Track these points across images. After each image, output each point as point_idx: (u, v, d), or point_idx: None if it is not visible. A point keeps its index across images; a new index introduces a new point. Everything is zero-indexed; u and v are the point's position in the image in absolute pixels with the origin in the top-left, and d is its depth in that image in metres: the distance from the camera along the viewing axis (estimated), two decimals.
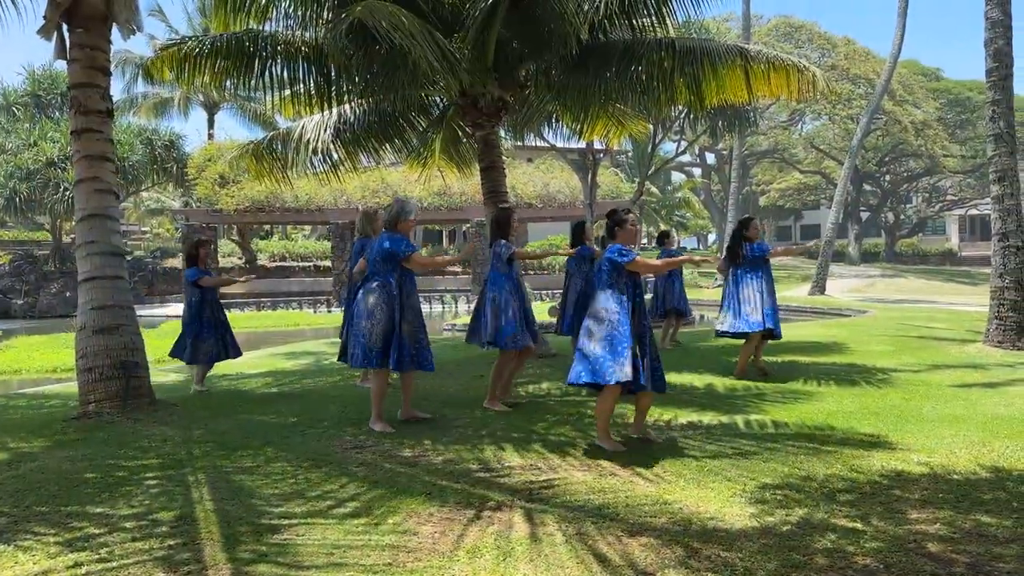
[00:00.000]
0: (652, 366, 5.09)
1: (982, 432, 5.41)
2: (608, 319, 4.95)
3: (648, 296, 7.82)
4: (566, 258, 9.12)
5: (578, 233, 8.99)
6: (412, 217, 5.97)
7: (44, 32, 6.80)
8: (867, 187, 50.53)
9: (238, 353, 8.42)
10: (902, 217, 53.28)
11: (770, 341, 8.25)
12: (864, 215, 50.36)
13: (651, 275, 5.17)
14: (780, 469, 4.57)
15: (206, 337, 7.99)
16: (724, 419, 5.96)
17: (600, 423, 5.18)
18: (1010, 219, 9.99)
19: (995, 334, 9.90)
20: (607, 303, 5.00)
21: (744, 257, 7.88)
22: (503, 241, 6.69)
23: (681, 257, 8.57)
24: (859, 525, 3.65)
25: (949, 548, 3.38)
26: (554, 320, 15.21)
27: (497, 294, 6.59)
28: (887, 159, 47.05)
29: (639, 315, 5.07)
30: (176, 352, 8.11)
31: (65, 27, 6.85)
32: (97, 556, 3.40)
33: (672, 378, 7.39)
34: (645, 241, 44.63)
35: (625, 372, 4.81)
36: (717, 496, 4.09)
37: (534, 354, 7.36)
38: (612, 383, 4.88)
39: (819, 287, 25.11)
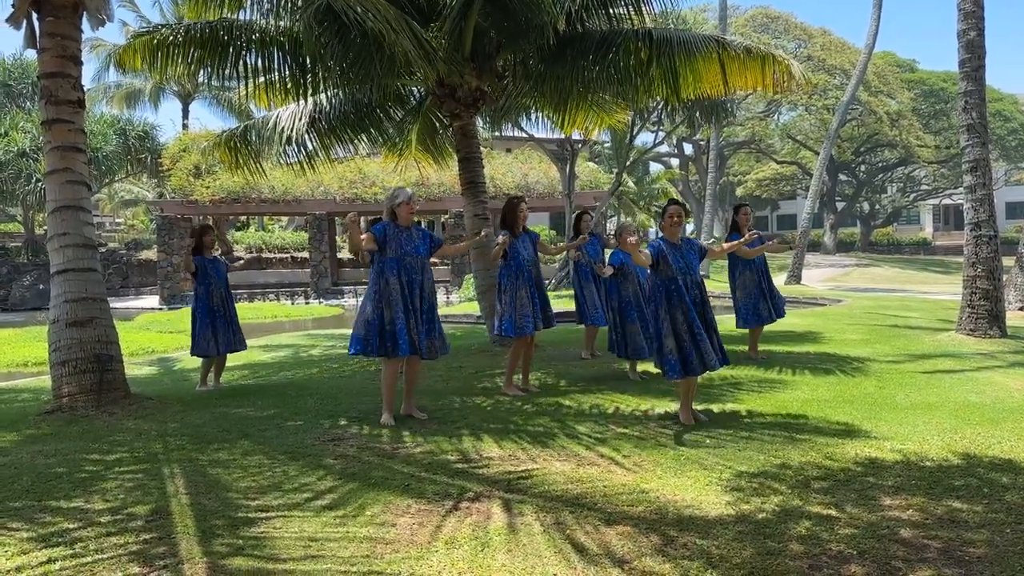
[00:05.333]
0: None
1: (954, 419, 5.49)
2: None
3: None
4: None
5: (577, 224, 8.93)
6: (399, 201, 5.85)
7: (13, 21, 6.68)
8: (843, 177, 51.01)
9: (244, 346, 8.13)
10: (877, 207, 53.85)
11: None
12: (840, 205, 50.85)
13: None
14: (756, 457, 4.61)
15: (213, 328, 7.75)
16: (701, 408, 5.99)
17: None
18: (982, 209, 10.10)
19: (967, 322, 10.02)
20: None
21: None
22: (502, 231, 6.84)
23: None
24: (833, 512, 3.69)
25: (921, 534, 3.42)
26: None
27: (499, 284, 6.89)
28: (862, 149, 47.50)
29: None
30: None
31: (35, 15, 6.74)
32: (71, 551, 3.36)
33: (649, 367, 7.44)
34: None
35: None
36: (694, 484, 4.12)
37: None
38: None
39: (795, 276, 25.33)
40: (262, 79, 9.06)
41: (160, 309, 24.80)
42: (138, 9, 36.82)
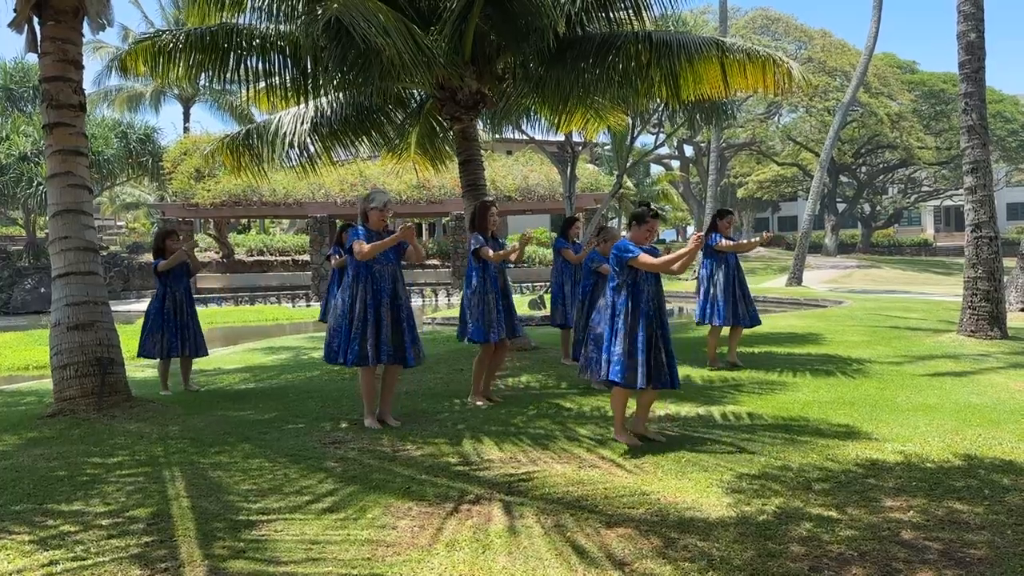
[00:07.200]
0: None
1: (955, 421, 5.49)
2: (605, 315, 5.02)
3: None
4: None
5: (565, 227, 8.93)
6: (371, 206, 5.73)
7: (15, 25, 6.70)
8: (843, 179, 51.01)
9: (197, 353, 7.95)
10: (878, 208, 53.83)
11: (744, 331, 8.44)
12: (841, 206, 50.81)
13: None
14: (757, 459, 4.61)
15: (162, 330, 7.64)
16: (701, 411, 6.00)
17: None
18: (983, 210, 10.11)
19: (968, 324, 10.02)
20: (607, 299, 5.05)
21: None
22: (475, 234, 6.65)
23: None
24: (834, 514, 3.69)
25: (922, 535, 3.42)
26: (534, 314, 15.30)
27: (467, 288, 6.58)
28: (863, 151, 47.50)
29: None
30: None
31: (36, 20, 6.75)
32: (72, 554, 3.36)
33: None
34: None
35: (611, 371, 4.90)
36: (695, 486, 4.12)
37: (511, 349, 7.23)
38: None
39: (796, 278, 25.34)
40: (263, 83, 9.08)
41: None
42: (142, 9, 36.85)
